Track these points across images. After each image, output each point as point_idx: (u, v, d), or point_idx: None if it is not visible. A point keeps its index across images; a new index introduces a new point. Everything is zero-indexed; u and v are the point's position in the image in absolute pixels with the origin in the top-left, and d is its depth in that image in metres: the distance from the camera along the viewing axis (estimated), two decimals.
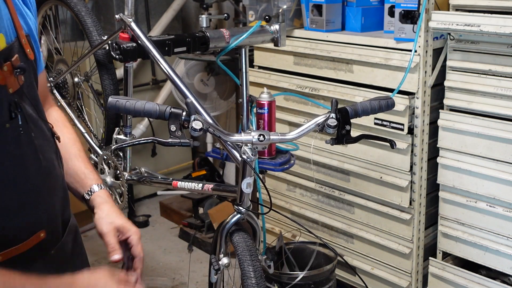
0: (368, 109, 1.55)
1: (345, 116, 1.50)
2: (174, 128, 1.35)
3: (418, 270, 2.38)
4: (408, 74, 2.13)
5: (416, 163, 2.24)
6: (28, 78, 1.18)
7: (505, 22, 1.87)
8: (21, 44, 1.17)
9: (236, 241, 1.59)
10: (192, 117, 1.35)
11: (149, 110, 1.35)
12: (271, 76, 2.70)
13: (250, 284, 1.51)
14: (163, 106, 1.36)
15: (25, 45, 1.18)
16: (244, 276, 1.54)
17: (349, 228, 2.54)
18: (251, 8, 2.61)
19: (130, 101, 1.36)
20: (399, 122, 2.22)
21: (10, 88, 1.10)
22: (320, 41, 2.47)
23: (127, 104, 1.34)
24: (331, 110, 1.49)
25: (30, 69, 1.20)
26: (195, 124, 1.35)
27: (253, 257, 1.56)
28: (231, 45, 2.06)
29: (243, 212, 1.61)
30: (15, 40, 1.15)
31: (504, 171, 2.04)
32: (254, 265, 1.54)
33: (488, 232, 2.14)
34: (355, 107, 1.53)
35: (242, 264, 1.55)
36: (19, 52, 1.15)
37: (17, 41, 1.16)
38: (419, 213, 2.30)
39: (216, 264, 1.61)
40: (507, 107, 2.00)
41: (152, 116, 1.36)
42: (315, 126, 1.51)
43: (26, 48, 1.18)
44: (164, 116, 1.36)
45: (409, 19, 2.14)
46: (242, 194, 1.59)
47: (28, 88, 1.18)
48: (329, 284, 2.38)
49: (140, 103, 1.36)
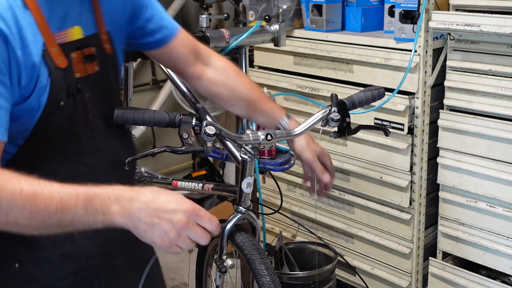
0: (363, 99, 1.57)
1: (344, 109, 1.52)
2: (186, 136, 1.32)
3: (418, 270, 2.38)
4: (408, 74, 2.13)
5: (416, 163, 2.24)
6: (103, 69, 1.32)
7: (505, 22, 1.87)
8: (101, 39, 1.31)
9: (241, 241, 1.58)
10: (204, 123, 1.34)
11: (159, 119, 1.33)
12: (271, 76, 2.70)
13: (266, 283, 1.50)
14: (172, 114, 1.34)
15: (104, 40, 1.32)
16: (257, 275, 1.52)
17: (349, 228, 2.54)
18: (251, 8, 2.61)
19: (138, 112, 1.33)
20: (399, 122, 2.22)
21: (77, 73, 1.25)
22: (320, 41, 2.47)
23: (135, 115, 1.32)
24: (332, 104, 1.51)
25: (107, 62, 1.34)
26: (209, 130, 1.33)
27: (263, 255, 1.55)
28: (231, 45, 2.07)
29: (243, 212, 1.61)
30: (94, 34, 1.30)
31: (504, 171, 2.04)
32: (266, 263, 1.54)
33: (488, 232, 2.14)
34: (352, 99, 1.55)
35: (252, 264, 1.54)
36: (97, 46, 1.30)
37: (97, 36, 1.30)
38: (419, 213, 2.30)
39: (223, 266, 1.61)
40: (507, 107, 2.00)
41: (162, 125, 1.33)
42: (318, 120, 1.51)
43: (105, 43, 1.32)
44: (175, 124, 1.34)
45: (409, 19, 2.14)
46: (242, 194, 1.59)
47: (100, 77, 1.32)
48: (329, 284, 2.38)
49: (148, 114, 1.33)
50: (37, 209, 1.06)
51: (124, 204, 1.09)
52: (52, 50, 1.19)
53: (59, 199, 1.07)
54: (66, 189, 1.08)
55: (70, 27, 1.25)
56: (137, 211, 1.09)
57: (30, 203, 1.06)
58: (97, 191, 1.10)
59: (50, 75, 1.19)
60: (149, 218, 1.09)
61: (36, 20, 1.16)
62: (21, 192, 1.05)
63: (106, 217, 1.09)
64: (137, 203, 1.09)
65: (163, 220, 1.09)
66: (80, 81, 1.26)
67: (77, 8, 1.26)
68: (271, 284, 1.50)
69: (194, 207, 1.12)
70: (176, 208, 1.10)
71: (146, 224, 1.09)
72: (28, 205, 1.05)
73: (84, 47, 1.27)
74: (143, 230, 1.10)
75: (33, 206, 1.06)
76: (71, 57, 1.23)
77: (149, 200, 1.10)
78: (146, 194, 1.11)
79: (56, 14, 1.21)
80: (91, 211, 1.08)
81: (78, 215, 1.08)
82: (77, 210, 1.07)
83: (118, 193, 1.10)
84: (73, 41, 1.25)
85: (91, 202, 1.08)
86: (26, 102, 1.17)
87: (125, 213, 1.09)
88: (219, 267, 1.61)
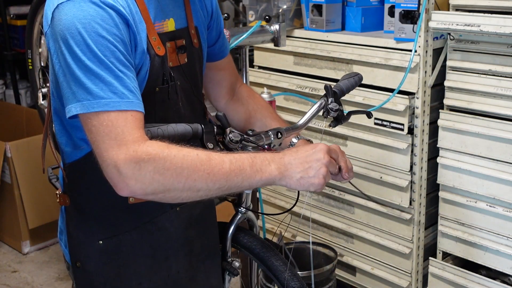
0: (349, 86, 1.60)
1: (337, 98, 1.56)
2: (211, 146, 1.32)
3: (418, 270, 2.38)
4: (408, 74, 2.13)
5: (416, 163, 2.24)
6: (191, 61, 1.43)
7: (505, 22, 1.87)
8: (189, 33, 1.43)
9: (248, 241, 1.57)
10: (228, 130, 1.33)
11: (183, 133, 1.30)
12: (271, 76, 2.70)
13: (288, 277, 1.47)
14: (194, 126, 1.32)
15: (192, 34, 1.44)
16: (275, 272, 1.50)
17: (349, 228, 2.54)
18: (251, 8, 2.61)
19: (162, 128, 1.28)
20: (399, 122, 2.22)
21: (170, 62, 1.35)
22: (320, 41, 2.47)
23: (159, 131, 1.27)
24: (329, 94, 1.54)
25: (195, 55, 1.45)
26: (234, 136, 1.33)
27: (276, 252, 1.54)
28: (231, 45, 2.07)
29: (243, 212, 1.61)
30: (185, 28, 1.42)
31: (504, 171, 2.04)
32: (282, 259, 1.52)
33: (488, 232, 2.14)
34: (340, 88, 1.58)
35: (267, 262, 1.52)
36: (186, 38, 1.41)
37: (187, 30, 1.42)
38: (419, 213, 2.30)
39: (233, 269, 1.60)
40: (507, 107, 2.00)
41: (186, 138, 1.31)
42: (318, 111, 1.54)
43: (193, 37, 1.44)
44: (198, 135, 1.32)
45: (409, 19, 2.14)
46: (242, 194, 1.59)
47: (188, 69, 1.42)
48: (329, 284, 2.38)
49: (171, 128, 1.29)
50: (214, 171, 1.18)
51: (278, 162, 1.25)
52: (152, 39, 1.30)
53: (229, 162, 1.20)
54: (230, 154, 1.23)
55: (166, 19, 1.36)
56: (289, 165, 1.25)
57: (208, 166, 1.18)
58: (255, 154, 1.25)
59: (150, 61, 1.29)
60: (300, 166, 1.25)
61: (140, 9, 1.27)
62: (198, 156, 1.18)
63: (268, 175, 1.23)
64: (286, 159, 1.26)
65: (312, 162, 1.26)
66: (172, 70, 1.36)
67: (171, 2, 1.38)
68: (294, 277, 1.48)
69: (325, 145, 1.30)
70: (315, 150, 1.28)
71: (301, 172, 1.25)
72: (207, 168, 1.17)
73: (176, 38, 1.37)
74: (300, 177, 1.25)
75: (211, 169, 1.18)
76: (166, 46, 1.34)
77: (293, 154, 1.27)
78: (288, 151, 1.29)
79: (155, 6, 1.32)
80: (256, 170, 1.22)
81: (247, 175, 1.21)
82: (246, 171, 1.21)
83: (270, 154, 1.26)
84: (168, 32, 1.36)
85: (254, 163, 1.22)
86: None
87: (282, 168, 1.25)
88: (229, 270, 1.60)
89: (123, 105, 1.16)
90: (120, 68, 1.18)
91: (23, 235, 3.22)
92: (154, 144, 1.17)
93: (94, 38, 1.16)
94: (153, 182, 1.14)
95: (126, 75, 1.19)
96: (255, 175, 1.22)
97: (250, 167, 1.22)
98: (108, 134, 1.15)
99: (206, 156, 1.19)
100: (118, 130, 1.15)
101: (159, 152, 1.15)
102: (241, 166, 1.21)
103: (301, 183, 1.25)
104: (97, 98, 1.15)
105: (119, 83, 1.17)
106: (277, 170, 1.24)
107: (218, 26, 1.58)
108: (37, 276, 3.04)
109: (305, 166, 1.25)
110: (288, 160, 1.26)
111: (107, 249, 1.38)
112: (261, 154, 1.25)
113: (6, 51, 3.91)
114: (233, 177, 1.20)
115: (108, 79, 1.16)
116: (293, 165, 1.25)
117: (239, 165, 1.21)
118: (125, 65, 1.19)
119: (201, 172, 1.17)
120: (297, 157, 1.26)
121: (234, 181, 1.20)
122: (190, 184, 1.17)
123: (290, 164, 1.25)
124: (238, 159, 1.21)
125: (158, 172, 1.14)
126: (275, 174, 1.24)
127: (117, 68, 1.18)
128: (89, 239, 1.39)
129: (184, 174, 1.16)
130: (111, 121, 1.16)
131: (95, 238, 1.38)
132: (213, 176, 1.18)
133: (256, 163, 1.23)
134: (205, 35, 1.51)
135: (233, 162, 1.20)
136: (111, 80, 1.16)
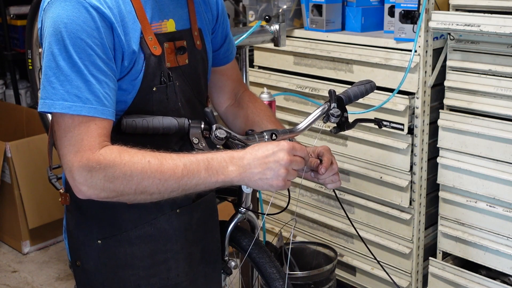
0: (358, 94, 1.59)
1: (342, 104, 1.54)
2: (197, 140, 1.33)
3: (418, 270, 2.38)
4: (408, 74, 2.13)
5: (416, 163, 2.24)
6: (193, 63, 1.43)
7: (505, 22, 1.87)
8: (192, 34, 1.43)
9: (247, 244, 1.57)
10: (214, 126, 1.33)
11: (168, 125, 1.32)
12: (271, 76, 2.70)
13: (279, 286, 1.49)
14: (181, 120, 1.33)
15: (195, 36, 1.44)
16: (268, 279, 1.51)
17: (349, 228, 2.54)
18: (251, 8, 2.61)
19: (147, 120, 1.32)
20: (399, 122, 2.22)
21: (168, 62, 1.35)
22: (320, 41, 2.47)
23: (144, 122, 1.31)
24: (332, 100, 1.52)
25: (197, 57, 1.45)
26: (220, 133, 1.33)
27: (272, 258, 1.54)
28: None
29: (243, 212, 1.61)
30: (187, 29, 1.42)
31: (504, 171, 2.04)
32: (276, 266, 1.53)
33: (488, 232, 2.14)
34: (347, 94, 1.57)
35: (262, 267, 1.53)
36: (188, 40, 1.41)
37: (189, 31, 1.42)
38: (419, 213, 2.30)
39: (228, 268, 1.60)
40: (507, 107, 2.00)
41: (171, 131, 1.33)
42: (319, 116, 1.53)
43: (196, 39, 1.44)
44: (184, 129, 1.34)
45: (409, 19, 2.14)
46: (242, 194, 1.59)
47: (189, 70, 1.42)
48: (329, 284, 2.38)
49: (157, 120, 1.33)
50: (166, 177, 1.20)
51: (237, 163, 1.24)
52: (148, 38, 1.30)
53: (183, 166, 1.21)
54: (186, 157, 1.23)
55: (165, 19, 1.36)
56: (248, 166, 1.24)
57: (159, 172, 1.19)
58: (212, 155, 1.24)
59: (145, 61, 1.30)
60: (259, 167, 1.24)
61: (136, 9, 1.28)
62: (149, 163, 1.19)
63: (224, 177, 1.24)
64: (245, 160, 1.24)
65: (270, 163, 1.24)
66: (170, 70, 1.36)
67: (171, 3, 1.38)
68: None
69: (288, 143, 1.26)
70: (275, 149, 1.25)
71: (259, 173, 1.24)
72: (157, 174, 1.19)
73: (176, 39, 1.37)
74: (259, 179, 1.25)
75: (162, 174, 1.20)
76: (164, 47, 1.34)
77: (253, 153, 1.25)
78: (249, 150, 1.26)
79: (153, 6, 1.33)
80: (212, 173, 1.23)
81: (202, 178, 1.22)
82: (200, 174, 1.22)
83: (229, 155, 1.25)
84: (167, 32, 1.36)
85: (210, 165, 1.23)
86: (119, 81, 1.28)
87: (240, 169, 1.24)
88: (224, 269, 1.60)
89: (84, 110, 1.18)
90: (93, 72, 1.19)
91: (23, 235, 3.22)
92: (108, 152, 1.19)
93: (73, 40, 1.18)
94: (104, 189, 1.19)
95: (98, 80, 1.20)
96: (211, 177, 1.23)
97: (206, 170, 1.22)
98: (69, 140, 1.19)
99: (158, 161, 1.20)
100: (78, 136, 1.19)
101: (110, 160, 1.18)
102: (195, 169, 1.22)
103: (259, 184, 1.25)
104: (60, 99, 1.18)
105: (87, 88, 1.19)
106: (236, 171, 1.24)
107: (224, 31, 1.58)
108: (37, 276, 3.04)
109: (264, 167, 1.24)
110: (247, 161, 1.25)
111: (106, 249, 1.39)
112: (220, 154, 1.25)
113: (6, 51, 3.91)
114: (186, 181, 1.22)
115: (76, 82, 1.18)
116: (252, 166, 1.24)
117: (193, 168, 1.22)
118: (100, 70, 1.20)
119: (152, 179, 1.19)
120: (256, 157, 1.25)
121: (187, 184, 1.22)
122: (142, 189, 1.20)
123: (249, 165, 1.24)
124: (193, 162, 1.22)
125: (108, 180, 1.18)
126: (233, 176, 1.24)
127: (90, 73, 1.19)
128: (88, 238, 1.39)
129: (134, 181, 1.19)
130: (74, 125, 1.19)
131: (94, 237, 1.39)
132: (164, 182, 1.20)
133: (213, 166, 1.23)
134: (209, 38, 1.51)
135: (187, 166, 1.21)
136: (79, 83, 1.18)
